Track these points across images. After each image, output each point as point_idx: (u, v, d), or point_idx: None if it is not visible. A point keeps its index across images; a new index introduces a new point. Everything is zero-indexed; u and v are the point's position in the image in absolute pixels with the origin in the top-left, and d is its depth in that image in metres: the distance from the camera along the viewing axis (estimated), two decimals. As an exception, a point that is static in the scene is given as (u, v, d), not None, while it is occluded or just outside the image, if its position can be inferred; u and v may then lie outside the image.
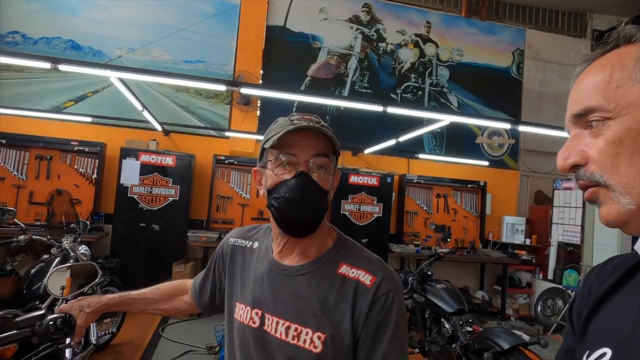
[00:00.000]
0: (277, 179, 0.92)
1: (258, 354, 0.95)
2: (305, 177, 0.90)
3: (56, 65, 2.87)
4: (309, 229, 0.95)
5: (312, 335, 0.89)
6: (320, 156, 0.92)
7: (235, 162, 6.00)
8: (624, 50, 0.56)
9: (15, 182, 5.41)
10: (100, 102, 5.92)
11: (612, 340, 0.55)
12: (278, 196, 0.91)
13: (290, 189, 0.90)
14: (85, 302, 1.17)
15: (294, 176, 0.90)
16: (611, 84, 0.54)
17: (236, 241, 1.13)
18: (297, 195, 0.89)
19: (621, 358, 0.52)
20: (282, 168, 0.92)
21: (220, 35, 6.30)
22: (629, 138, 0.52)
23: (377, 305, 0.89)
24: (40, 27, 5.83)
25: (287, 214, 0.92)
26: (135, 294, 1.22)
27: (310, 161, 0.91)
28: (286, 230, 0.95)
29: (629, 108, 0.52)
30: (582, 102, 0.57)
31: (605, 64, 0.56)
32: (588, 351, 0.58)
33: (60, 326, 1.13)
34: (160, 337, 4.36)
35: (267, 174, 0.95)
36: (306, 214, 0.92)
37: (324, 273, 0.95)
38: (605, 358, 0.54)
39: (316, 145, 0.92)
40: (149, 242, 5.45)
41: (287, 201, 0.90)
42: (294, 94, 4.02)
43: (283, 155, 0.91)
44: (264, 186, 0.98)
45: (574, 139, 0.58)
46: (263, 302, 0.97)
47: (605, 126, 0.54)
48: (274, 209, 0.93)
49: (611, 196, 0.54)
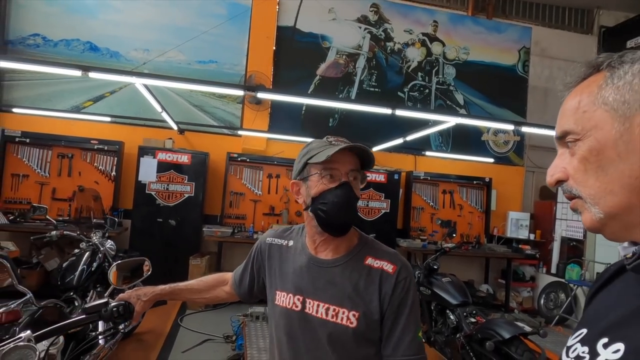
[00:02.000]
0: (323, 187, 1.13)
1: (301, 331, 1.18)
2: (347, 186, 1.13)
3: (87, 73, 3.08)
4: (347, 229, 1.18)
5: (347, 314, 1.12)
6: (355, 171, 1.15)
7: (248, 159, 6.22)
8: (593, 79, 0.62)
9: (38, 179, 5.67)
10: (117, 102, 6.15)
11: (589, 322, 0.66)
12: (326, 201, 1.13)
13: (337, 195, 1.12)
14: (141, 291, 1.39)
15: (339, 185, 1.13)
16: (579, 110, 0.61)
17: (273, 240, 1.34)
18: (342, 200, 1.12)
19: (590, 334, 0.62)
20: (328, 179, 1.13)
21: (232, 36, 6.49)
22: (592, 156, 0.59)
23: (398, 287, 1.13)
24: (59, 29, 6.05)
25: (333, 216, 1.13)
26: (182, 285, 1.45)
27: (348, 173, 1.14)
28: (329, 230, 1.17)
29: (592, 130, 0.59)
30: (560, 126, 0.64)
31: (577, 90, 0.64)
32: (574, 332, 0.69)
33: (122, 312, 1.35)
34: (179, 327, 4.61)
35: (311, 184, 1.16)
36: (348, 215, 1.15)
37: (353, 264, 1.17)
38: (580, 336, 0.65)
39: (351, 161, 1.15)
40: (165, 237, 5.70)
41: (335, 205, 1.12)
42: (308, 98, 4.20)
43: (328, 169, 1.13)
44: (303, 195, 1.20)
45: (559, 157, 0.65)
46: (304, 290, 1.19)
47: (577, 147, 0.61)
48: (322, 212, 1.14)
49: (586, 206, 0.61)
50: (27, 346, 1.14)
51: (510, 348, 2.98)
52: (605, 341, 0.57)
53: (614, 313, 0.61)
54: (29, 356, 1.14)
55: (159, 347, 4.01)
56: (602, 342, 0.58)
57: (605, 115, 0.59)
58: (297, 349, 1.19)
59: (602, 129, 0.59)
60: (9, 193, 5.60)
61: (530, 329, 3.07)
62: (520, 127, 3.96)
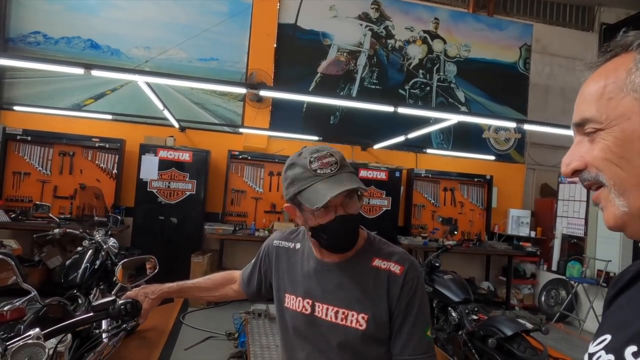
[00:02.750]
0: (319, 221, 1.10)
1: (311, 334, 1.19)
2: (342, 219, 1.09)
3: (89, 71, 3.08)
4: (352, 247, 1.18)
5: (357, 317, 1.13)
6: (347, 197, 1.09)
7: (249, 157, 6.22)
8: (620, 60, 0.57)
9: (40, 177, 5.67)
10: (118, 100, 6.14)
11: (613, 327, 0.59)
12: (325, 234, 1.12)
13: (333, 229, 1.10)
14: (149, 289, 1.39)
15: (334, 220, 1.09)
16: (604, 96, 0.56)
17: (280, 243, 1.35)
18: (341, 233, 1.11)
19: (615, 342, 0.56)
20: (322, 213, 1.08)
21: (233, 34, 6.48)
22: (617, 147, 0.54)
23: (406, 288, 1.13)
24: (60, 27, 6.04)
25: (335, 245, 1.14)
26: (190, 283, 1.45)
27: (343, 202, 1.09)
28: (333, 251, 1.17)
29: (617, 119, 0.54)
30: (580, 113, 0.59)
31: (601, 73, 0.58)
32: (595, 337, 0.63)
33: (130, 309, 1.35)
34: (181, 324, 4.62)
35: (306, 216, 1.12)
36: (350, 241, 1.16)
37: (361, 267, 1.17)
38: (604, 343, 0.58)
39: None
40: (167, 235, 5.70)
41: (334, 236, 1.11)
42: (309, 96, 4.20)
43: (320, 209, 1.06)
44: (299, 218, 1.17)
45: (576, 145, 0.60)
46: (313, 294, 1.20)
47: (599, 136, 0.56)
48: (324, 240, 1.13)
49: (610, 198, 0.56)
50: (36, 344, 1.15)
51: (513, 345, 2.99)
52: (634, 349, 0.53)
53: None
54: (38, 354, 1.14)
55: (161, 344, 4.02)
56: (631, 350, 0.53)
57: (634, 103, 0.54)
58: (308, 352, 1.20)
59: (630, 119, 0.54)
60: (11, 191, 5.60)
61: (532, 326, 3.08)
62: (522, 125, 3.96)
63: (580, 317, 5.72)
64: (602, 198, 0.58)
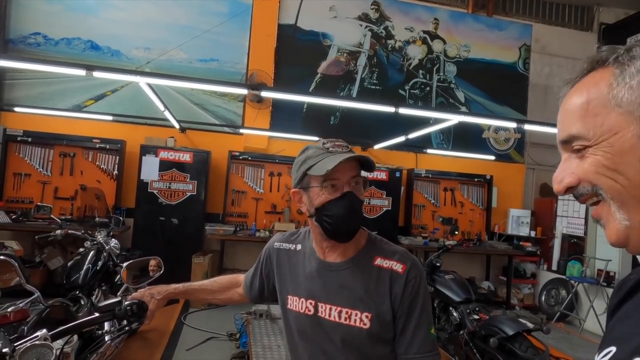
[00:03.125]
0: (326, 198, 1.12)
1: (315, 335, 1.19)
2: (351, 195, 1.12)
3: (91, 73, 3.08)
4: (354, 235, 1.18)
5: (360, 316, 1.13)
6: (356, 177, 1.14)
7: (249, 157, 6.23)
8: (599, 75, 0.57)
9: (40, 178, 5.67)
10: (118, 101, 6.15)
11: (618, 339, 0.57)
12: (330, 213, 1.12)
13: (340, 206, 1.11)
14: (155, 290, 1.40)
15: (341, 196, 1.11)
16: (589, 112, 0.56)
17: (281, 245, 1.35)
18: (347, 211, 1.11)
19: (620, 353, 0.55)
20: (329, 190, 1.12)
21: (233, 34, 6.49)
22: (607, 160, 0.54)
23: (409, 287, 1.13)
24: (60, 28, 6.04)
25: (339, 226, 1.13)
26: (196, 284, 1.46)
27: (350, 181, 1.13)
28: (336, 239, 1.16)
29: (604, 135, 0.54)
30: (565, 130, 0.59)
31: (581, 88, 0.58)
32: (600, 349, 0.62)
33: (136, 310, 1.36)
34: (183, 325, 4.63)
35: (313, 195, 1.15)
36: (354, 224, 1.15)
37: (363, 266, 1.18)
38: (609, 355, 0.57)
39: (352, 168, 1.14)
40: (168, 235, 5.71)
41: (340, 216, 1.11)
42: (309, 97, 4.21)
43: (329, 179, 1.11)
44: (305, 204, 1.19)
45: (565, 162, 0.60)
46: (316, 294, 1.20)
47: (587, 153, 0.56)
48: (327, 223, 1.13)
49: (612, 212, 0.55)
50: (44, 344, 1.16)
51: (514, 344, 3.00)
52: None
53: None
54: (46, 355, 1.15)
55: (163, 345, 4.03)
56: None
57: (620, 118, 0.53)
58: (313, 352, 1.20)
59: (618, 134, 0.53)
60: (11, 192, 5.60)
61: (533, 326, 3.09)
62: (523, 125, 3.97)
63: (581, 317, 5.73)
64: (603, 213, 0.57)
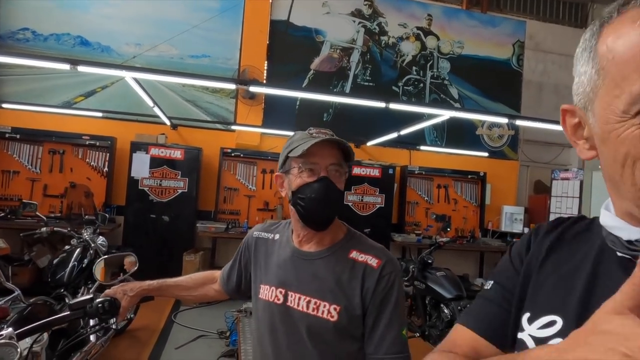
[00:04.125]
0: (302, 181, 1.11)
1: (282, 325, 1.15)
2: (326, 181, 1.10)
3: (75, 67, 3.03)
4: (328, 223, 1.15)
5: (329, 307, 1.09)
6: (336, 164, 1.12)
7: (242, 154, 6.18)
8: None
9: (29, 176, 5.61)
10: (109, 97, 6.08)
11: (561, 308, 0.56)
12: (304, 196, 1.11)
13: (314, 190, 1.10)
14: (128, 287, 1.36)
15: (317, 180, 1.10)
16: None
17: (260, 234, 1.32)
18: (321, 195, 1.09)
19: (570, 327, 0.49)
20: (307, 173, 1.11)
21: (225, 30, 6.43)
22: None
23: (382, 282, 1.09)
24: (49, 24, 5.97)
25: (311, 211, 1.11)
26: (171, 281, 1.42)
27: (329, 167, 1.11)
28: (309, 224, 1.14)
29: None
30: None
31: None
32: (529, 314, 0.59)
33: (107, 308, 1.32)
34: (173, 323, 4.58)
35: (292, 178, 1.14)
36: (327, 210, 1.13)
37: (338, 257, 1.15)
38: (555, 326, 0.55)
39: (333, 155, 1.12)
40: (159, 233, 5.65)
41: (312, 200, 1.10)
42: (303, 92, 4.16)
43: (307, 163, 1.10)
44: (286, 188, 1.18)
45: None
46: (287, 283, 1.17)
47: None
48: (300, 207, 1.12)
49: None
50: (7, 344, 1.12)
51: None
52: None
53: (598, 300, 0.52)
54: (10, 354, 1.11)
55: (152, 343, 3.98)
56: None
57: None
58: (278, 344, 1.16)
59: None
60: (0, 190, 5.53)
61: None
62: (515, 121, 3.95)
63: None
64: None
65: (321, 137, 1.09)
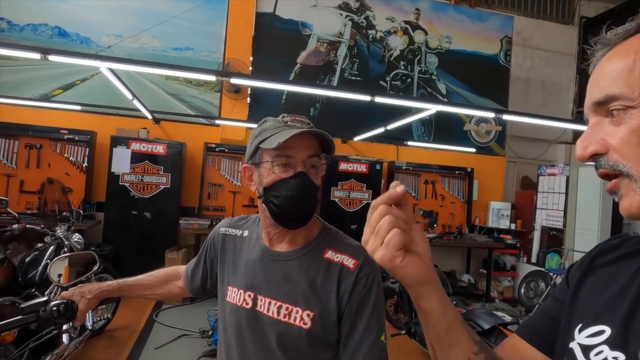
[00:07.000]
0: (276, 177, 1.00)
1: (250, 332, 1.05)
2: (303, 177, 0.99)
3: (46, 56, 2.88)
4: (304, 222, 1.04)
5: (301, 313, 0.99)
6: (314, 157, 1.01)
7: (226, 149, 6.05)
8: None
9: (5, 171, 5.41)
10: (89, 90, 5.89)
11: (611, 318, 0.55)
12: (279, 194, 1.00)
13: (291, 187, 0.98)
14: (85, 288, 1.25)
15: (293, 176, 0.99)
16: (635, 71, 0.51)
17: (227, 230, 1.21)
18: (298, 193, 0.98)
19: (619, 336, 0.52)
20: (281, 168, 0.99)
21: (209, 23, 6.27)
22: None
23: (359, 285, 0.99)
24: (26, 14, 5.75)
25: (287, 210, 1.00)
26: (131, 280, 1.31)
27: (306, 161, 1.00)
28: (284, 224, 1.04)
29: None
30: (603, 90, 0.54)
31: (629, 49, 0.53)
32: (581, 324, 0.59)
33: (63, 311, 1.21)
34: (154, 322, 4.46)
35: (263, 172, 1.03)
36: (304, 209, 1.02)
37: (312, 258, 1.04)
38: (604, 335, 0.54)
39: (310, 146, 1.01)
40: (141, 230, 5.51)
41: (289, 198, 0.98)
42: (285, 85, 4.05)
43: (282, 156, 0.98)
44: (255, 182, 1.07)
45: (594, 127, 0.55)
46: (256, 285, 1.06)
47: (628, 115, 0.51)
48: (274, 205, 1.01)
49: (633, 187, 0.52)
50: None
51: (490, 339, 2.95)
52: None
53: None
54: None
55: (131, 344, 3.86)
56: None
57: None
58: (245, 351, 1.06)
59: None
60: (-26, 185, 5.33)
61: (510, 319, 3.04)
62: (502, 115, 3.90)
63: (559, 309, 5.74)
64: (622, 186, 0.53)
65: (297, 127, 0.98)
